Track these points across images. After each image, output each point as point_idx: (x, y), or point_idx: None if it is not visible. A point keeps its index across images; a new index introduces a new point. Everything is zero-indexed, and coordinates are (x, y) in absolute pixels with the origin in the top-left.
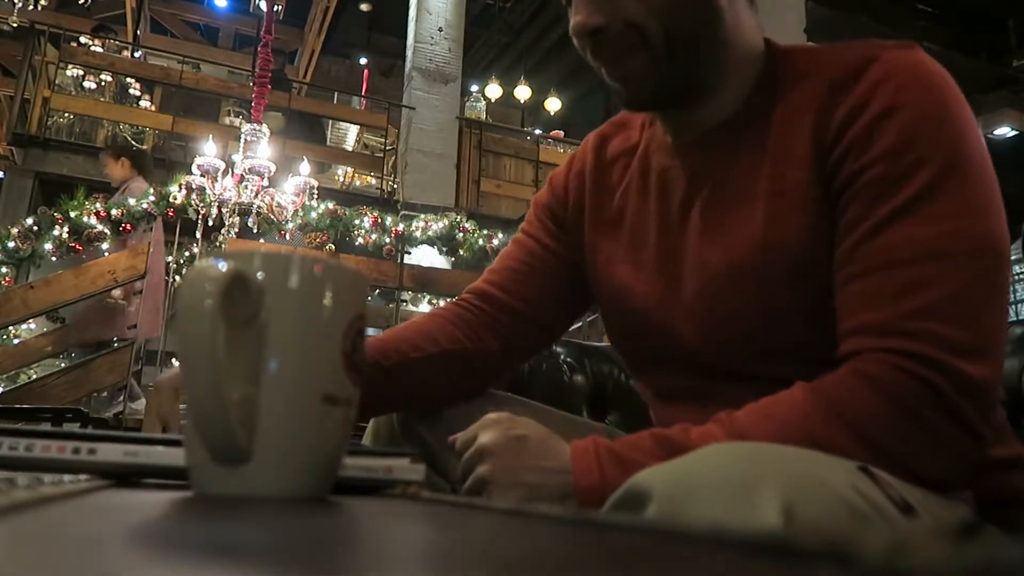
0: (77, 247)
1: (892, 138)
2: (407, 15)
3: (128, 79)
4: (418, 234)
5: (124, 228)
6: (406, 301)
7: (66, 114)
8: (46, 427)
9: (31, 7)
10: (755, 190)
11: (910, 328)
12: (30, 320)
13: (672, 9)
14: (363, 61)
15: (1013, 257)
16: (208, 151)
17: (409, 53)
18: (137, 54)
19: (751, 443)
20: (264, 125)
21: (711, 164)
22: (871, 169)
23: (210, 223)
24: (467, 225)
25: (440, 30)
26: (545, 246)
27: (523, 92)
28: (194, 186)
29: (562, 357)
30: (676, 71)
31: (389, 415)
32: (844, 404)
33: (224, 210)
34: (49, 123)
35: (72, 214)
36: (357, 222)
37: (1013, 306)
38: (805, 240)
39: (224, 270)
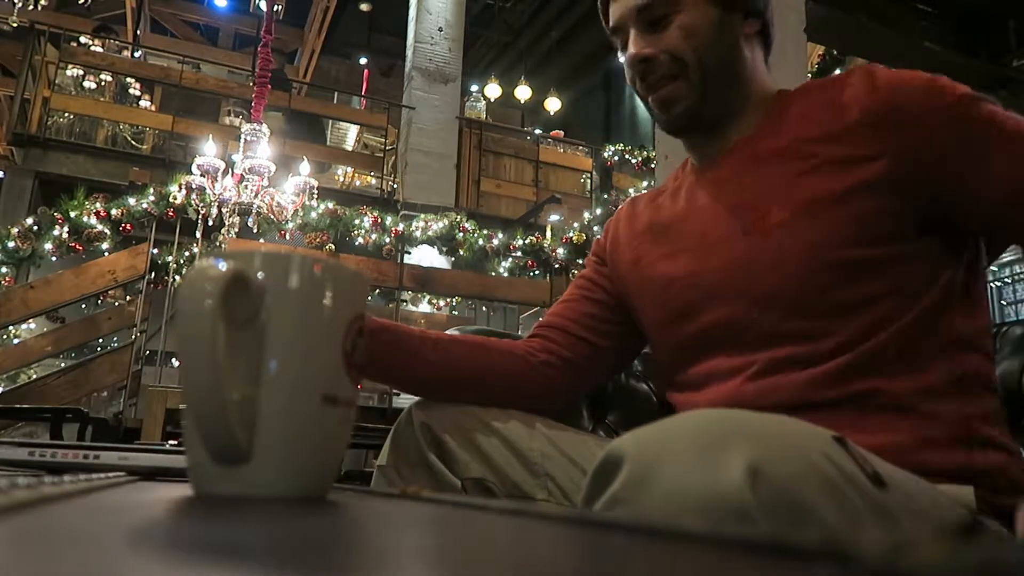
0: (77, 247)
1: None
2: (407, 15)
3: (128, 79)
4: (418, 234)
5: (124, 228)
6: (406, 301)
7: (66, 114)
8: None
9: (31, 7)
10: (783, 174)
11: None
12: (30, 320)
13: (707, 48)
14: (363, 61)
15: (1012, 257)
16: (208, 151)
17: (409, 53)
18: (137, 54)
19: (725, 409)
20: (264, 125)
21: (733, 168)
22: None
23: (210, 223)
24: (467, 225)
25: (440, 30)
26: (591, 279)
27: (523, 92)
28: (194, 186)
29: None
30: (707, 99)
31: (410, 425)
32: None
33: (224, 210)
34: (49, 123)
35: (72, 214)
36: (357, 222)
37: (1013, 306)
38: (848, 197)
39: (224, 270)
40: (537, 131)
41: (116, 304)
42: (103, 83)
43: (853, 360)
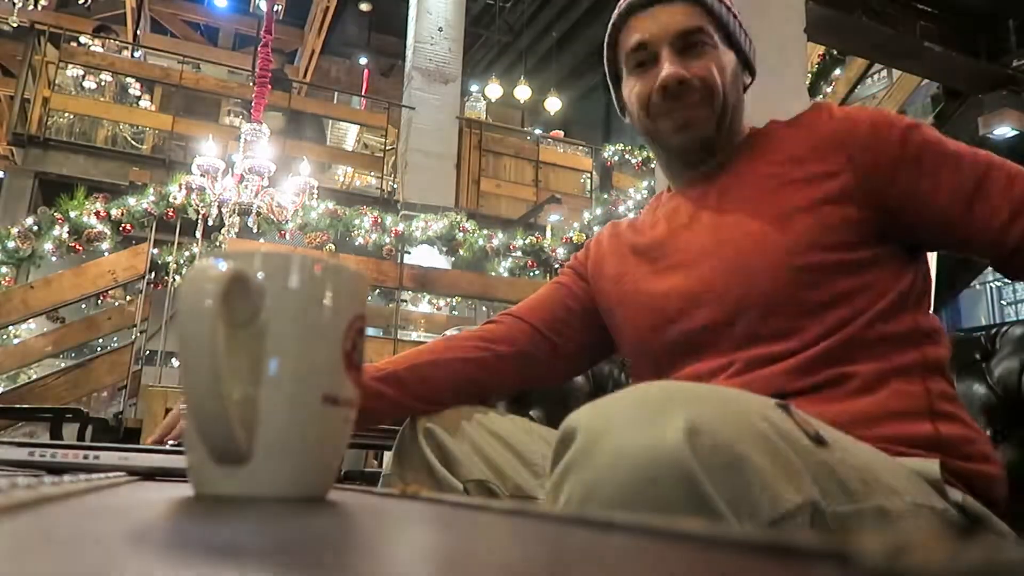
0: (77, 247)
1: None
2: (407, 15)
3: (128, 79)
4: (418, 234)
5: (124, 228)
6: (406, 301)
7: (66, 114)
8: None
9: (31, 7)
10: (759, 190)
11: None
12: (30, 320)
13: (730, 85)
14: (363, 61)
15: None
16: (208, 151)
17: (409, 53)
18: (137, 54)
19: (667, 382)
20: (264, 125)
21: (710, 189)
22: (890, 152)
23: (210, 223)
24: (467, 225)
25: (440, 30)
26: (567, 286)
27: (523, 92)
28: (194, 186)
29: None
30: (720, 130)
31: (413, 431)
32: None
33: (224, 210)
34: (49, 123)
35: (72, 214)
36: (357, 222)
37: (1013, 306)
38: (815, 207)
39: (224, 270)
40: (537, 131)
41: (116, 304)
42: (103, 83)
43: (823, 351)
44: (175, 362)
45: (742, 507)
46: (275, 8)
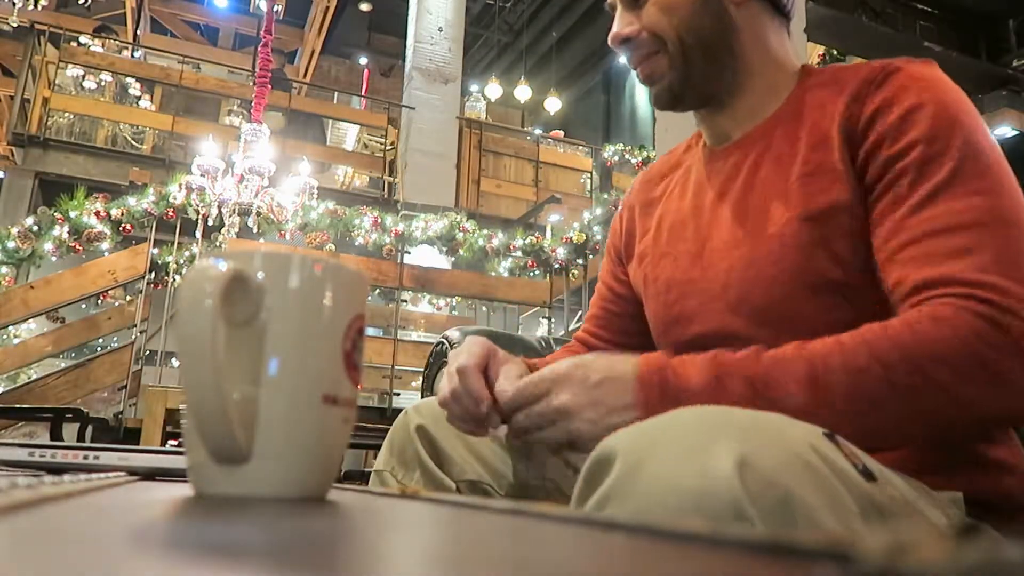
0: (77, 247)
1: (922, 129)
2: (407, 15)
3: (128, 79)
4: (418, 234)
5: (124, 228)
6: (406, 301)
7: (66, 114)
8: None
9: (31, 7)
10: (787, 175)
11: (972, 279)
12: (30, 320)
13: (687, 22)
14: (363, 61)
15: None
16: (208, 151)
17: (409, 53)
18: (137, 54)
19: (713, 407)
20: (264, 125)
21: (744, 160)
22: (905, 156)
23: (210, 223)
24: (467, 225)
25: (440, 30)
26: (611, 288)
27: (523, 92)
28: (194, 186)
29: None
30: (692, 73)
31: (406, 428)
32: (913, 342)
33: (224, 210)
34: (49, 123)
35: (72, 214)
36: (357, 222)
37: None
38: (837, 213)
39: (224, 270)
40: (537, 131)
41: (116, 304)
42: (103, 83)
43: None
44: (175, 362)
45: None
46: (275, 8)
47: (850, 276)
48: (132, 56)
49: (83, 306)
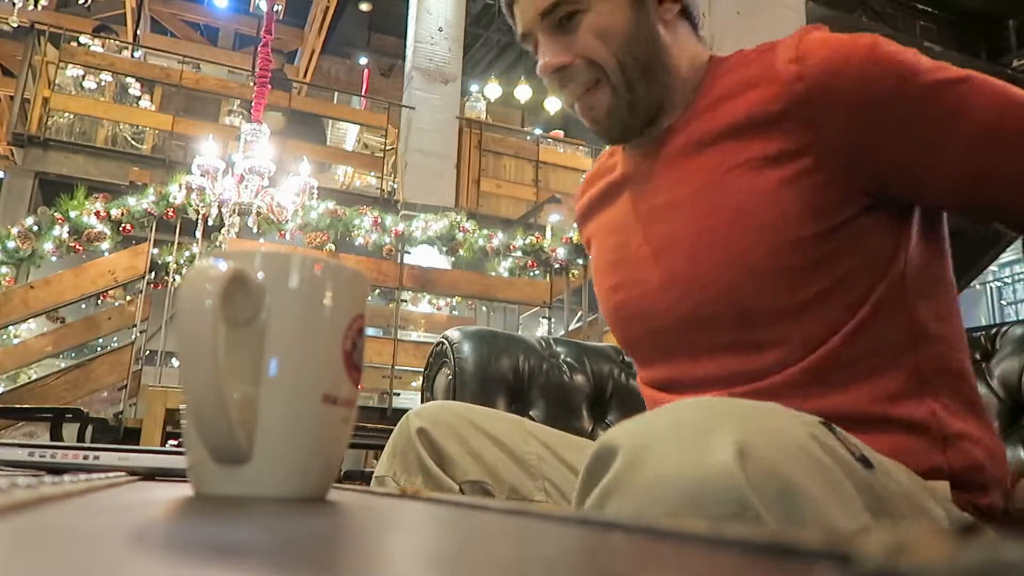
0: (77, 247)
1: (892, 70)
2: (407, 15)
3: (128, 79)
4: (418, 234)
5: (124, 228)
6: (406, 301)
7: (66, 114)
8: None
9: (31, 7)
10: (705, 166)
11: None
12: (30, 320)
13: (625, 47)
14: (363, 61)
15: (1013, 257)
16: (208, 151)
17: (409, 53)
18: (137, 54)
19: (712, 398)
20: (264, 125)
21: (668, 159)
22: (887, 106)
23: (210, 223)
24: (467, 225)
25: (440, 30)
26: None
27: (523, 92)
28: (194, 186)
29: (562, 357)
30: (636, 99)
31: (407, 432)
32: None
33: (224, 210)
34: (49, 123)
35: (72, 214)
36: (357, 222)
37: (1012, 306)
38: (773, 200)
39: (224, 270)
40: (537, 131)
41: (116, 304)
42: (103, 83)
43: (804, 374)
44: (175, 362)
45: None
46: (275, 8)
47: (791, 260)
48: (132, 56)
49: (83, 306)
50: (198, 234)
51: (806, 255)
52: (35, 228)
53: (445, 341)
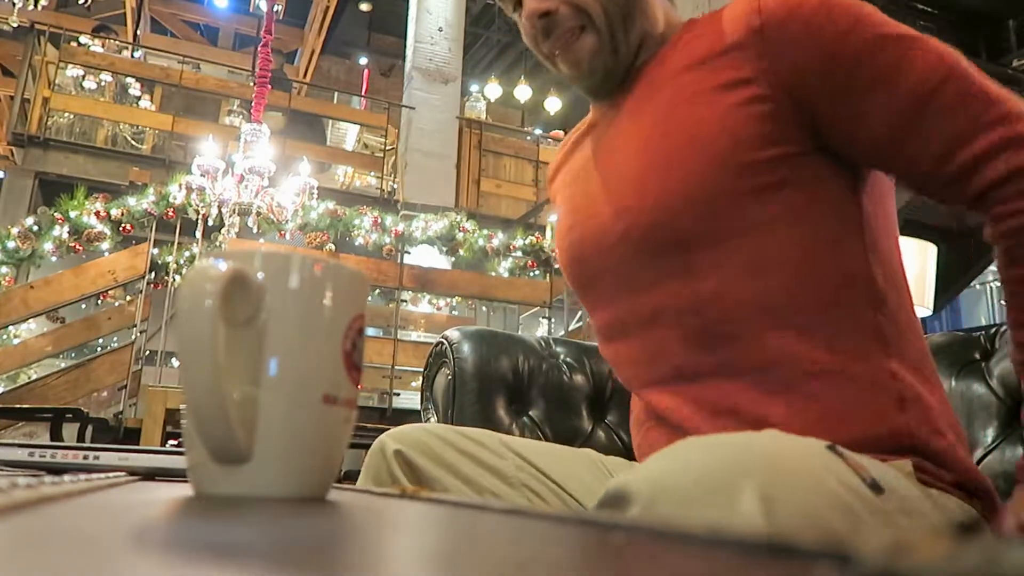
0: (77, 247)
1: (839, 23)
2: (407, 15)
3: (128, 79)
4: (418, 234)
5: (124, 228)
6: (406, 301)
7: (66, 114)
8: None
9: (31, 7)
10: (668, 100)
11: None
12: (30, 320)
13: None
14: (363, 61)
15: None
16: (208, 151)
17: (409, 53)
18: (137, 54)
19: (724, 436)
20: (264, 125)
21: (629, 102)
22: (844, 49)
23: (210, 223)
24: (467, 225)
25: (440, 30)
26: None
27: (523, 92)
28: (194, 186)
29: (562, 357)
30: (618, 44)
31: (381, 454)
32: None
33: (224, 210)
34: (49, 123)
35: (72, 214)
36: (357, 222)
37: None
38: (720, 125)
39: (224, 270)
40: (537, 131)
41: (116, 304)
42: (103, 83)
43: (749, 308)
44: (175, 362)
45: None
46: (275, 8)
47: (734, 182)
48: (132, 56)
49: (83, 306)
50: (198, 234)
51: (750, 180)
52: (35, 228)
53: (445, 341)
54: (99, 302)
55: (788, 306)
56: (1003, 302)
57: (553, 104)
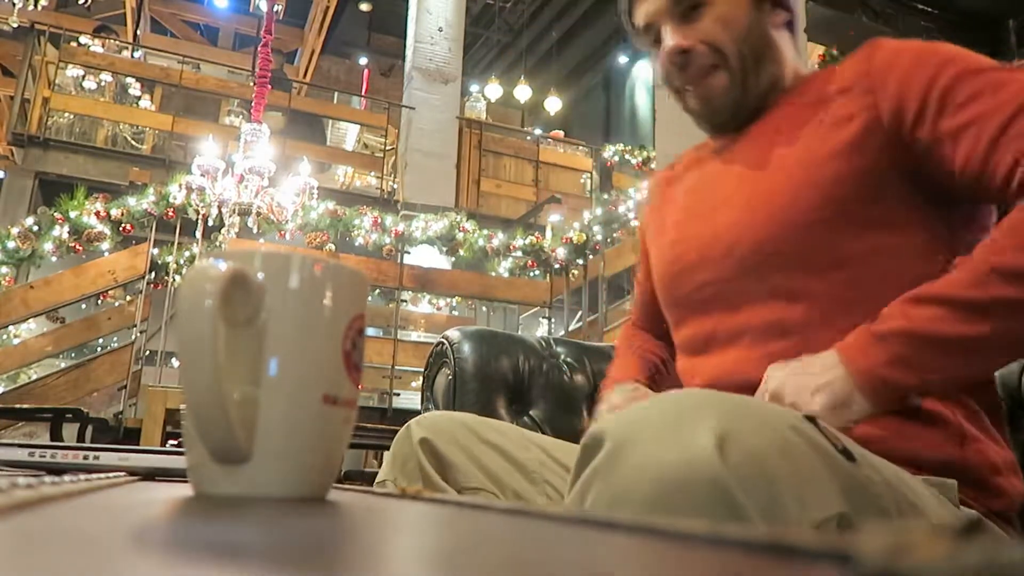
0: (77, 247)
1: (936, 62)
2: (407, 15)
3: (128, 79)
4: (418, 234)
5: (124, 228)
6: (406, 301)
7: (66, 114)
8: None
9: (31, 7)
10: (780, 134)
11: None
12: (30, 320)
13: (744, 37)
14: (363, 61)
15: None
16: (208, 151)
17: (409, 53)
18: (137, 54)
19: (696, 391)
20: (264, 125)
21: (742, 136)
22: (936, 82)
23: (210, 223)
24: (467, 225)
25: (440, 30)
26: (646, 272)
27: (523, 92)
28: (194, 186)
29: (562, 357)
30: (749, 85)
31: (408, 440)
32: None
33: (224, 210)
34: (49, 123)
35: (72, 214)
36: (357, 222)
37: None
38: (828, 159)
39: (224, 270)
40: (537, 131)
41: (116, 304)
42: (103, 83)
43: (829, 332)
44: (175, 362)
45: (773, 519)
46: (275, 8)
47: (834, 211)
48: (132, 56)
49: (83, 306)
50: (198, 234)
51: (849, 214)
52: (35, 228)
53: (445, 341)
54: (99, 302)
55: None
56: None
57: (553, 104)
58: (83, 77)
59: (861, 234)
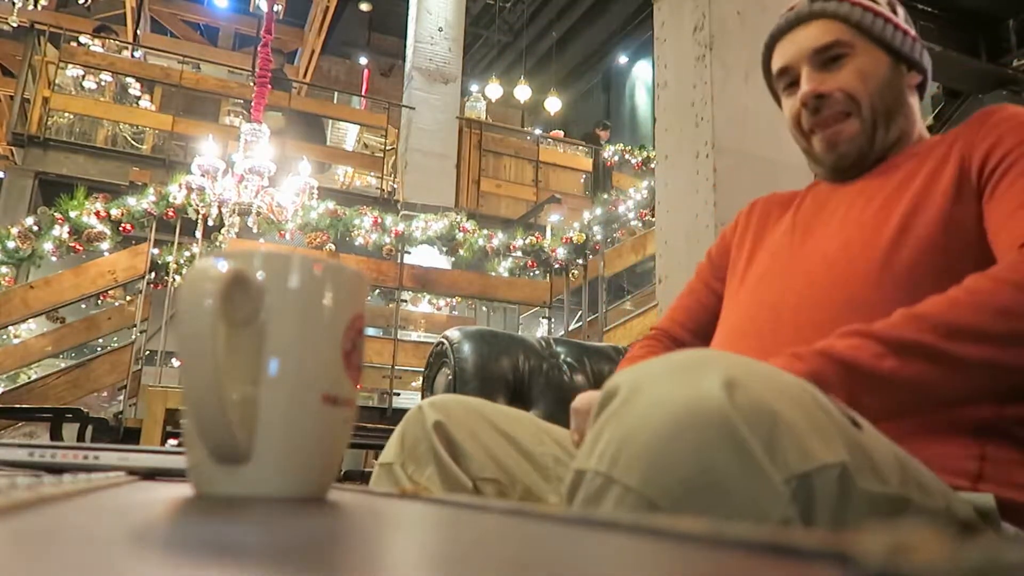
0: (77, 247)
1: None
2: (407, 15)
3: (128, 79)
4: (418, 234)
5: (124, 228)
6: (406, 301)
7: (66, 114)
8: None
9: (31, 7)
10: (892, 186)
11: None
12: (30, 320)
13: (879, 91)
14: (363, 61)
15: None
16: (208, 151)
17: (409, 53)
18: (137, 54)
19: (708, 349)
20: (264, 125)
21: (859, 184)
22: (1011, 154)
23: (210, 223)
24: (467, 225)
25: (440, 30)
26: (707, 283)
27: (523, 92)
28: (194, 186)
29: (562, 357)
30: (875, 140)
31: (421, 423)
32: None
33: (224, 210)
34: (49, 123)
35: (72, 214)
36: (357, 222)
37: None
38: (924, 209)
39: (224, 270)
40: (537, 131)
41: (116, 304)
42: (103, 83)
43: None
44: (175, 362)
45: (775, 456)
46: (275, 8)
47: (922, 260)
48: (132, 56)
49: (83, 306)
50: (198, 234)
51: (931, 259)
52: (35, 228)
53: (445, 341)
54: (99, 302)
55: None
56: None
57: (553, 104)
58: (83, 77)
59: (938, 283)
